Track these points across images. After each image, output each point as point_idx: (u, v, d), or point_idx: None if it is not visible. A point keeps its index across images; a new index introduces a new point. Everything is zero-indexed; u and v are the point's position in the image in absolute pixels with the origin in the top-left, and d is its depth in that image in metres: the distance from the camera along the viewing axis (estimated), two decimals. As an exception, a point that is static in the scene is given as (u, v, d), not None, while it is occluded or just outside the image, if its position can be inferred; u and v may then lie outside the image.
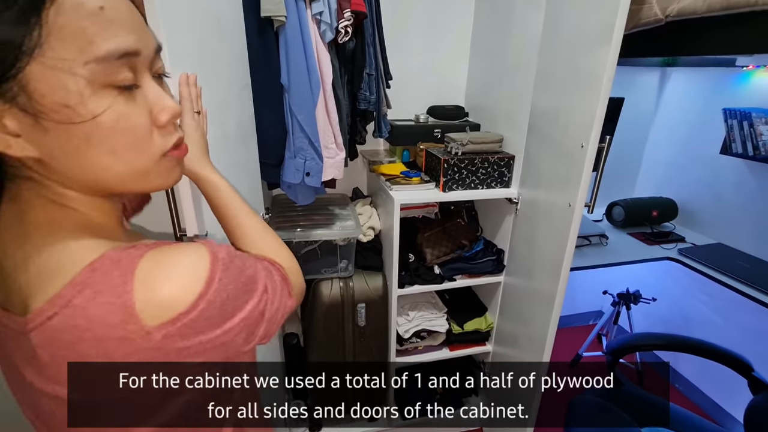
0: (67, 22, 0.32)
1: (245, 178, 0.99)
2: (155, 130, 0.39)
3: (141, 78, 0.38)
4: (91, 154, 0.36)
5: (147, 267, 0.35)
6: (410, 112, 1.61)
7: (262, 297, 0.43)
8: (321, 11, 0.96)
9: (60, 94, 0.33)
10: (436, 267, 1.43)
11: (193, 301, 0.35)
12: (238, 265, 0.41)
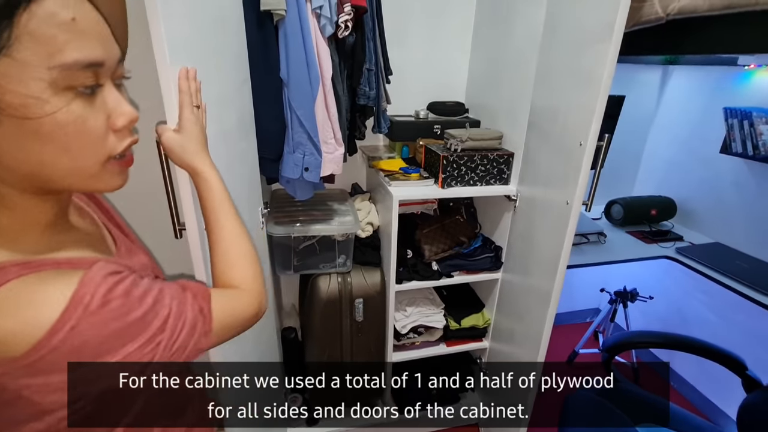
0: (38, 28, 0.34)
1: (245, 173, 0.99)
2: (111, 134, 0.41)
3: (103, 81, 0.39)
4: (40, 150, 0.37)
5: (5, 294, 0.35)
6: (410, 108, 1.60)
7: (153, 338, 0.40)
8: (321, 5, 0.96)
9: (20, 92, 0.34)
10: (434, 263, 1.44)
11: (27, 349, 0.34)
12: (118, 308, 0.38)
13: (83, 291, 0.37)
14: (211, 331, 0.47)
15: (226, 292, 0.54)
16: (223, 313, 0.49)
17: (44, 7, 0.34)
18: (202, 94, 0.66)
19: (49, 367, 0.35)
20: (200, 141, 0.58)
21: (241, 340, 0.71)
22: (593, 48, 0.81)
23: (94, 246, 0.50)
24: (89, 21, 0.37)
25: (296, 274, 1.42)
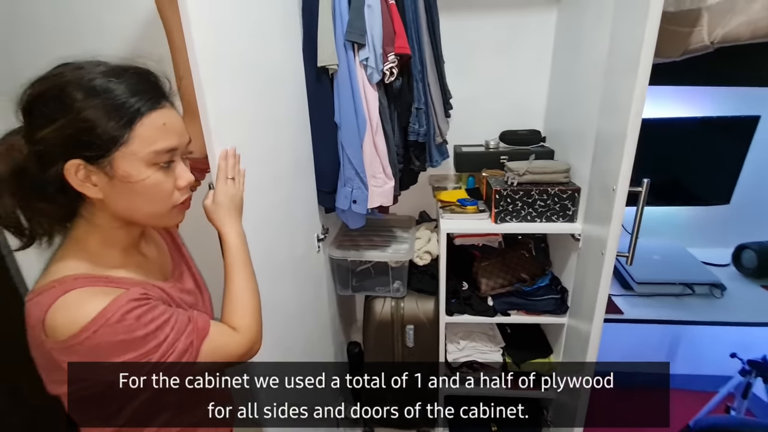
0: (144, 131, 0.56)
1: (301, 204, 1.15)
2: (176, 191, 0.62)
3: (176, 159, 0.61)
4: (134, 201, 0.59)
5: (63, 299, 0.53)
6: (482, 137, 1.59)
7: (146, 354, 0.54)
8: (367, 57, 1.06)
9: (127, 168, 0.56)
10: (489, 298, 1.39)
11: (69, 335, 0.51)
12: (129, 325, 0.53)
13: (109, 308, 0.53)
14: (196, 361, 0.59)
15: (224, 331, 0.65)
16: (213, 349, 0.61)
17: (150, 118, 0.56)
18: (255, 145, 0.83)
19: (76, 354, 0.52)
20: (227, 209, 0.72)
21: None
22: (623, 79, 0.71)
23: (148, 270, 0.69)
24: (172, 122, 0.59)
25: (354, 294, 1.53)
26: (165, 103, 0.59)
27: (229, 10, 0.77)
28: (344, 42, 1.07)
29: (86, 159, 0.53)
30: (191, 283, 0.77)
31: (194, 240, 0.87)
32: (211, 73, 0.70)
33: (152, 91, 0.58)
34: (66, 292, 0.53)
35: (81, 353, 0.52)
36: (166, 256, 0.76)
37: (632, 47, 0.67)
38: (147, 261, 0.70)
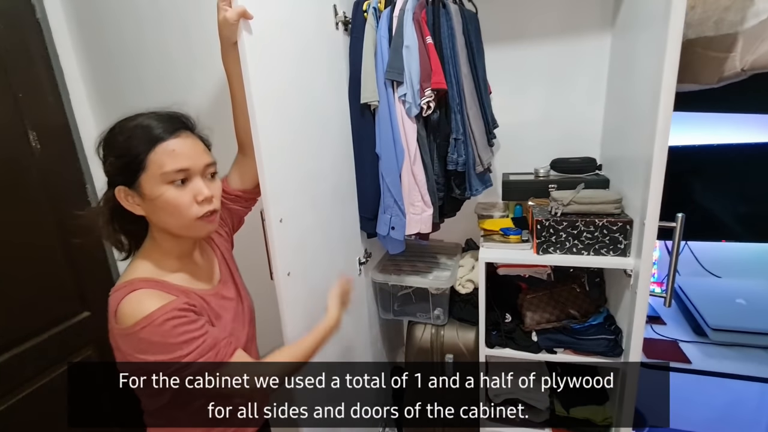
0: (156, 157, 0.68)
1: (340, 227, 1.23)
2: (195, 204, 0.71)
3: (192, 179, 0.72)
4: (161, 214, 0.72)
5: (129, 297, 0.67)
6: (532, 165, 1.55)
7: (171, 360, 0.65)
8: (405, 93, 1.13)
9: (149, 187, 0.69)
10: (534, 333, 1.32)
11: (127, 325, 0.65)
12: (166, 331, 0.65)
13: (157, 312, 0.66)
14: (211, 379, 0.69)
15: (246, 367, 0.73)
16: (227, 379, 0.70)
17: (161, 146, 0.69)
18: (293, 174, 0.94)
19: (128, 341, 0.65)
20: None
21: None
22: (649, 102, 0.67)
23: (198, 277, 0.82)
24: (182, 148, 0.71)
25: (397, 318, 1.55)
26: (180, 134, 0.71)
27: (281, 59, 0.90)
28: (385, 80, 1.15)
29: (126, 184, 0.70)
30: (233, 292, 0.88)
31: (242, 254, 1.00)
32: (264, 113, 0.82)
33: (169, 126, 0.71)
34: (133, 290, 0.68)
35: (131, 342, 0.65)
36: (214, 267, 0.88)
37: (654, 70, 0.64)
38: (198, 269, 0.83)
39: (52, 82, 1.29)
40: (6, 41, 1.15)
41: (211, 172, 0.75)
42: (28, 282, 1.20)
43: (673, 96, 0.62)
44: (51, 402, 1.24)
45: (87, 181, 1.38)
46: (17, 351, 1.17)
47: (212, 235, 0.92)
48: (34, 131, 1.22)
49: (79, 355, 1.36)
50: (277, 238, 0.90)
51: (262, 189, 0.85)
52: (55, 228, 1.27)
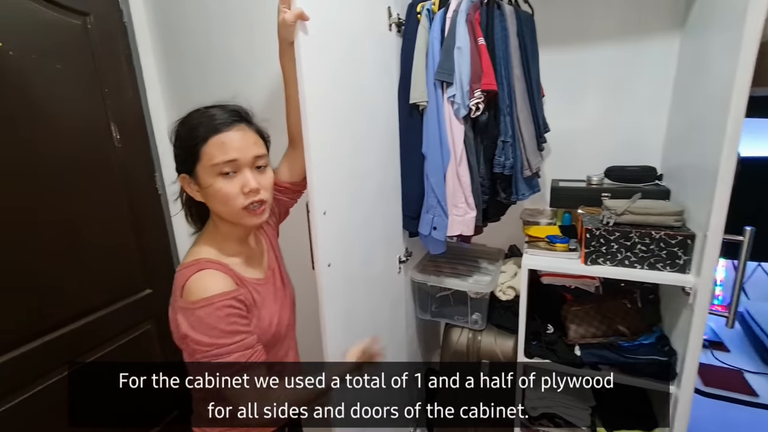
0: (207, 149, 0.74)
1: (381, 225, 1.25)
2: (242, 195, 0.75)
3: (241, 170, 0.75)
4: (213, 202, 0.77)
5: (197, 275, 0.73)
6: (584, 172, 1.49)
7: (212, 344, 0.69)
8: (454, 94, 1.14)
9: (202, 177, 0.75)
10: (577, 347, 1.26)
11: (190, 301, 0.70)
12: (219, 317, 0.69)
13: (218, 296, 0.71)
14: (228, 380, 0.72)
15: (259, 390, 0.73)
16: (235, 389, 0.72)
17: (213, 139, 0.74)
18: (336, 171, 0.98)
19: (187, 314, 0.71)
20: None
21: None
22: (720, 114, 0.62)
23: (253, 262, 0.88)
24: (232, 141, 0.74)
25: (434, 319, 1.55)
26: (233, 126, 0.75)
27: (334, 59, 0.94)
28: (434, 81, 1.16)
29: (187, 172, 0.76)
30: (279, 279, 0.94)
31: (287, 243, 1.05)
32: (314, 110, 0.86)
33: (224, 119, 0.75)
34: (201, 269, 0.74)
35: (187, 316, 0.71)
36: (264, 254, 0.94)
37: (727, 73, 0.60)
38: (252, 255, 0.89)
39: (133, 79, 1.43)
40: (98, 43, 1.29)
41: (260, 164, 0.78)
42: (104, 257, 1.33)
43: (746, 100, 0.58)
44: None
45: (156, 170, 1.52)
46: (91, 318, 1.31)
47: (263, 225, 0.97)
48: (116, 123, 1.36)
49: (140, 328, 1.49)
50: (320, 229, 0.94)
51: (309, 182, 0.89)
52: (128, 212, 1.40)
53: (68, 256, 1.22)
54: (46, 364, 1.18)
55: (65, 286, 1.22)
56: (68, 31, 1.22)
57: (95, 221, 1.30)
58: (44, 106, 1.14)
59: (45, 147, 1.15)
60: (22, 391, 1.13)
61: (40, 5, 1.14)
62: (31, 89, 1.11)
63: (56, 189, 1.18)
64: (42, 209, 1.15)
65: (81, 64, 1.25)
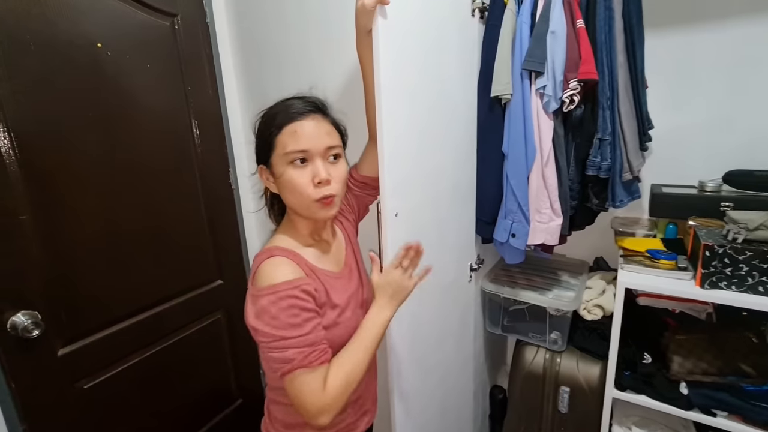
0: (281, 138, 0.72)
1: (455, 229, 1.16)
2: (311, 185, 0.71)
3: (312, 160, 0.72)
4: (285, 192, 0.75)
5: (266, 261, 0.71)
6: (694, 177, 1.27)
7: (274, 335, 0.65)
8: (544, 85, 1.01)
9: (276, 167, 0.73)
10: (683, 384, 1.06)
11: (259, 287, 0.68)
12: (282, 308, 0.66)
13: (282, 285, 0.67)
14: (286, 378, 0.66)
15: (317, 383, 0.67)
16: (296, 386, 0.66)
17: (287, 128, 0.72)
18: (416, 170, 0.90)
19: (253, 301, 0.68)
20: (386, 293, 0.78)
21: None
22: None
23: (327, 256, 0.84)
24: (304, 128, 0.71)
25: (505, 334, 1.42)
26: (307, 116, 0.72)
27: (413, 48, 0.86)
28: (521, 71, 1.04)
29: (264, 163, 0.75)
30: (356, 277, 0.88)
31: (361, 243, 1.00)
32: (390, 103, 0.80)
33: (299, 109, 0.73)
34: (271, 256, 0.73)
35: (254, 303, 0.68)
36: (342, 250, 0.89)
37: None
38: (327, 249, 0.85)
39: (212, 77, 1.48)
40: (184, 43, 1.35)
41: (333, 155, 0.75)
42: (183, 248, 1.39)
43: None
44: (189, 351, 1.44)
45: (231, 165, 1.56)
46: (169, 305, 1.37)
47: (341, 219, 0.93)
48: (196, 119, 1.41)
49: (211, 317, 1.54)
50: (391, 232, 0.87)
51: (381, 181, 0.83)
52: (205, 205, 1.45)
53: (153, 246, 1.29)
54: (132, 345, 1.26)
55: (150, 272, 1.29)
56: (158, 32, 1.28)
57: (176, 214, 1.36)
58: (135, 105, 1.21)
59: (135, 143, 1.21)
60: (112, 367, 1.21)
61: (134, 7, 1.20)
62: (124, 88, 1.18)
63: (145, 183, 1.25)
64: (133, 201, 1.22)
65: (168, 64, 1.31)
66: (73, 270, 1.09)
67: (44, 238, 1.03)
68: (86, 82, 1.09)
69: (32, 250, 1.01)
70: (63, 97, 1.04)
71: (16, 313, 0.99)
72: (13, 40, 0.95)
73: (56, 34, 1.02)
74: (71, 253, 1.08)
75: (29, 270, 1.01)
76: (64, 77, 1.04)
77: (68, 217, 1.07)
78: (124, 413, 1.24)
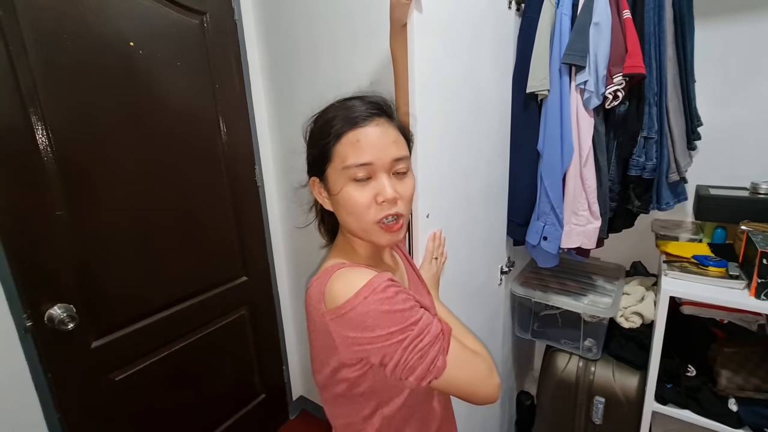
0: (341, 148, 0.59)
1: (486, 231, 1.12)
2: (374, 205, 0.59)
3: (376, 175, 0.59)
4: (342, 212, 0.62)
5: (339, 272, 0.58)
6: (746, 178, 1.18)
7: (405, 330, 0.54)
8: (585, 80, 0.95)
9: (332, 181, 0.60)
10: (732, 400, 0.99)
11: (343, 301, 0.54)
12: (390, 297, 0.54)
13: (375, 280, 0.56)
14: (446, 354, 0.56)
15: (468, 349, 0.61)
16: (460, 357, 0.58)
17: (347, 137, 0.58)
18: (450, 171, 0.87)
19: (348, 323, 0.55)
20: (431, 284, 0.78)
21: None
22: None
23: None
24: (369, 139, 0.58)
25: (534, 340, 1.37)
26: (370, 122, 0.60)
27: (449, 43, 0.83)
28: (560, 66, 0.99)
29: (318, 175, 0.63)
30: (428, 299, 0.79)
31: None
32: (424, 99, 0.77)
33: (361, 113, 0.60)
34: (336, 270, 0.61)
35: (353, 320, 0.55)
36: (403, 271, 0.80)
37: None
38: (389, 270, 0.74)
39: (239, 75, 1.48)
40: (213, 40, 1.35)
41: (400, 169, 0.62)
42: (211, 243, 1.41)
43: None
44: (214, 346, 1.45)
45: (256, 162, 1.56)
46: (198, 300, 1.39)
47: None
48: (223, 117, 1.42)
49: (236, 312, 1.56)
50: (422, 233, 0.85)
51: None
52: (231, 202, 1.46)
53: (182, 242, 1.31)
54: (161, 338, 1.28)
55: (179, 268, 1.31)
56: (188, 30, 1.28)
57: (204, 211, 1.37)
58: (165, 102, 1.22)
59: (164, 140, 1.22)
60: (142, 360, 1.24)
61: (165, 6, 1.21)
62: (155, 86, 1.19)
63: (173, 179, 1.26)
64: (162, 198, 1.23)
65: (197, 61, 1.31)
66: (106, 265, 1.11)
67: (79, 233, 1.05)
68: (119, 80, 1.10)
69: (68, 245, 1.03)
70: (97, 94, 1.06)
71: (52, 306, 1.02)
72: (51, 40, 0.97)
73: (91, 34, 1.04)
74: (104, 249, 1.10)
75: (65, 264, 1.03)
76: (99, 75, 1.06)
77: (101, 212, 1.09)
78: (152, 405, 1.27)
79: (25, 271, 0.97)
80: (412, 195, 0.63)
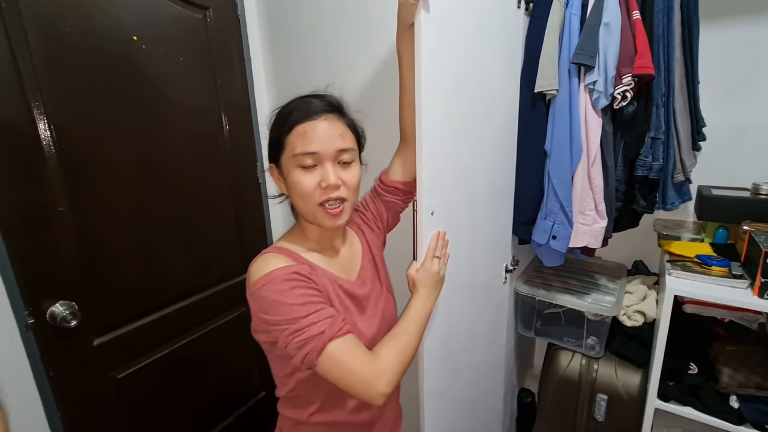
0: (291, 139, 0.69)
1: (490, 229, 1.11)
2: (318, 190, 0.68)
3: (322, 163, 0.68)
4: (293, 196, 0.72)
5: (261, 257, 0.69)
6: (747, 178, 1.20)
7: (288, 322, 0.61)
8: (594, 81, 0.95)
9: (284, 167, 0.70)
10: (733, 397, 1.01)
11: (254, 281, 0.65)
12: (284, 290, 0.62)
13: (276, 272, 0.64)
14: (319, 356, 0.61)
15: (360, 350, 0.64)
16: (339, 355, 0.62)
17: (297, 128, 0.68)
18: (450, 168, 0.86)
19: (252, 300, 0.66)
20: (426, 285, 0.78)
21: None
22: None
23: (334, 264, 0.79)
24: (316, 131, 0.67)
25: (537, 338, 1.38)
26: (319, 116, 0.68)
27: (457, 41, 0.82)
28: (569, 66, 0.99)
29: (275, 162, 0.72)
30: (371, 290, 0.82)
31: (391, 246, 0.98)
32: (430, 98, 0.76)
33: (312, 108, 0.69)
34: (266, 253, 0.71)
35: (255, 299, 0.65)
36: (357, 260, 0.84)
37: None
38: (337, 258, 0.80)
39: (242, 70, 1.46)
40: (215, 35, 1.33)
41: (345, 159, 0.70)
42: (212, 240, 1.39)
43: None
44: (214, 343, 1.44)
45: (258, 159, 1.55)
46: (199, 297, 1.37)
47: (362, 228, 0.89)
48: (225, 113, 1.40)
49: (236, 311, 1.54)
50: (426, 231, 0.84)
51: (418, 178, 0.79)
52: (232, 199, 1.45)
53: (183, 239, 1.29)
54: (162, 336, 1.27)
55: (180, 265, 1.29)
56: (190, 25, 1.26)
57: (205, 207, 1.36)
58: (167, 98, 1.20)
59: (166, 135, 1.20)
60: (143, 358, 1.22)
61: (168, 0, 1.19)
62: (158, 81, 1.17)
63: (174, 175, 1.24)
64: (163, 194, 1.21)
65: (199, 57, 1.29)
66: (107, 262, 1.09)
67: (80, 230, 1.03)
68: (122, 74, 1.08)
69: (70, 242, 1.01)
70: (99, 89, 1.04)
71: (54, 303, 1.00)
72: (53, 34, 0.95)
73: (94, 28, 1.02)
74: (105, 245, 1.09)
75: (67, 261, 1.01)
76: (101, 70, 1.04)
77: (102, 208, 1.07)
78: (153, 403, 1.25)
79: (27, 268, 0.95)
80: (356, 183, 0.72)
